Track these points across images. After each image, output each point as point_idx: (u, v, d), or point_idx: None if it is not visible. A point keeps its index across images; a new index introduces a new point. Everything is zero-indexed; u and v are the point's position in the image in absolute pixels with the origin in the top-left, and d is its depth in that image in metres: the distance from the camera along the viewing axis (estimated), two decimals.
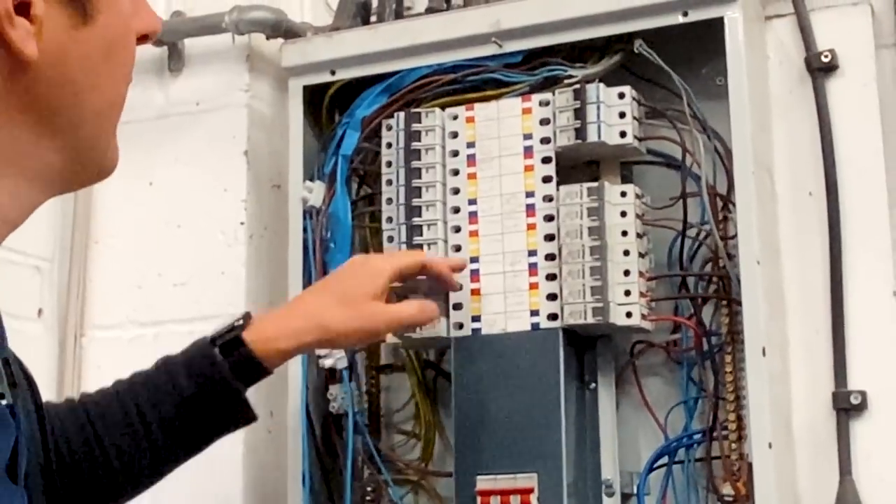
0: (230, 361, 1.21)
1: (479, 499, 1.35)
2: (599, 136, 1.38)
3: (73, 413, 1.20)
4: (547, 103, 1.42)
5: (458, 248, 1.42)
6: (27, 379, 0.92)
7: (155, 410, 1.20)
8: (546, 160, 1.41)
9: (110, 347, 1.66)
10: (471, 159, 1.44)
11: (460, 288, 1.39)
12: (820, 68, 1.42)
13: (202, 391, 1.20)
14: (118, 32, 0.85)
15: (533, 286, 1.38)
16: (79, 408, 1.21)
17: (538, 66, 1.46)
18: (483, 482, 1.35)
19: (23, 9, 0.77)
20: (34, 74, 0.79)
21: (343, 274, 1.34)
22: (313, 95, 1.57)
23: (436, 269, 1.36)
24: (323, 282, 1.36)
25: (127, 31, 0.86)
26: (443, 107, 1.47)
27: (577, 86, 1.40)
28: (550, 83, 1.44)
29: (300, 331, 1.25)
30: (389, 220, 1.45)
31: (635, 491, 1.41)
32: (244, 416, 1.24)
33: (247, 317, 1.25)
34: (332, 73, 1.55)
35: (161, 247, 1.65)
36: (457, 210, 1.43)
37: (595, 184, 1.38)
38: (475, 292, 1.41)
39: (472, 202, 1.43)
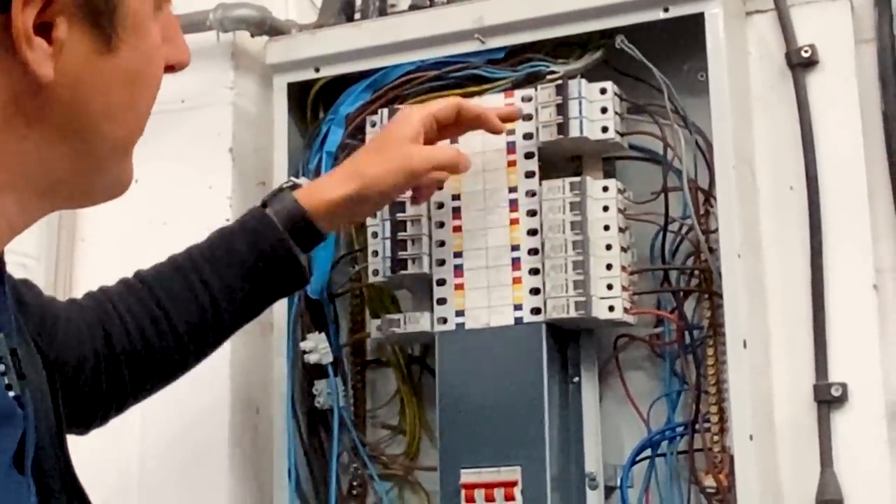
0: (284, 220, 1.26)
1: (463, 492, 1.36)
2: (581, 132, 1.38)
3: (135, 294, 1.24)
4: (529, 99, 1.42)
5: (441, 243, 1.42)
6: (45, 364, 0.92)
7: (219, 280, 1.25)
8: (528, 155, 1.41)
9: None
10: None
11: (502, 131, 1.39)
12: (800, 63, 1.43)
13: (262, 256, 1.25)
14: (142, 66, 0.83)
15: (516, 281, 1.39)
16: (140, 288, 1.25)
17: (520, 62, 1.46)
18: (467, 476, 1.36)
19: (44, 29, 0.76)
20: (48, 95, 0.78)
21: (381, 130, 1.39)
22: (298, 92, 1.57)
23: (473, 112, 1.36)
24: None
25: (152, 64, 0.84)
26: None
27: (560, 81, 1.41)
28: (533, 79, 1.45)
29: (342, 181, 1.29)
30: (373, 215, 1.45)
31: (618, 483, 1.42)
32: (300, 279, 1.29)
33: (297, 178, 1.33)
34: (317, 69, 1.56)
35: (147, 244, 1.64)
36: (440, 206, 1.44)
37: (577, 179, 1.39)
38: (459, 287, 1.41)
39: (455, 198, 1.43)
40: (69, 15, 0.76)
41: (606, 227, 1.38)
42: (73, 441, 1.57)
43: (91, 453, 1.57)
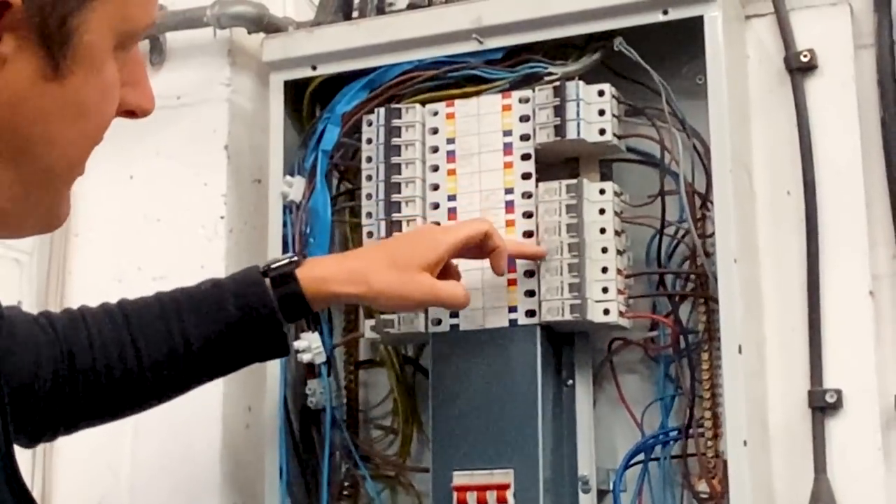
0: (279, 295, 1.25)
1: (455, 494, 1.35)
2: (579, 134, 1.38)
3: (111, 321, 1.23)
4: (527, 100, 1.42)
5: None
6: None
7: (198, 331, 1.24)
8: (525, 157, 1.41)
9: None
10: (450, 155, 1.44)
11: (501, 275, 1.36)
12: (799, 68, 1.42)
13: (247, 320, 1.24)
14: (91, 99, 0.80)
15: (511, 282, 1.38)
16: (119, 316, 1.24)
17: (519, 62, 1.46)
18: (460, 478, 1.35)
19: None
20: None
21: (404, 238, 1.38)
22: (294, 90, 1.57)
23: (495, 243, 1.34)
24: (385, 241, 1.40)
25: (103, 101, 0.82)
26: (423, 103, 1.47)
27: (557, 83, 1.40)
28: (530, 80, 1.44)
29: (346, 280, 1.29)
30: (369, 215, 1.45)
31: (611, 487, 1.41)
32: (280, 349, 1.29)
33: (301, 256, 1.31)
34: (314, 68, 1.55)
35: (141, 240, 1.64)
36: (436, 206, 1.43)
37: (574, 181, 1.38)
38: None
39: (452, 198, 1.43)
40: (18, 33, 0.74)
41: (602, 230, 1.37)
42: (65, 437, 1.58)
43: (83, 452, 1.58)
